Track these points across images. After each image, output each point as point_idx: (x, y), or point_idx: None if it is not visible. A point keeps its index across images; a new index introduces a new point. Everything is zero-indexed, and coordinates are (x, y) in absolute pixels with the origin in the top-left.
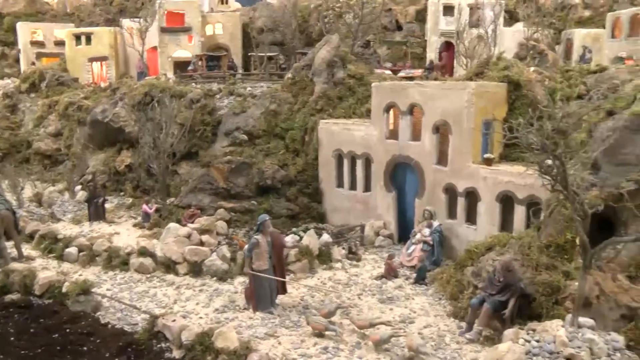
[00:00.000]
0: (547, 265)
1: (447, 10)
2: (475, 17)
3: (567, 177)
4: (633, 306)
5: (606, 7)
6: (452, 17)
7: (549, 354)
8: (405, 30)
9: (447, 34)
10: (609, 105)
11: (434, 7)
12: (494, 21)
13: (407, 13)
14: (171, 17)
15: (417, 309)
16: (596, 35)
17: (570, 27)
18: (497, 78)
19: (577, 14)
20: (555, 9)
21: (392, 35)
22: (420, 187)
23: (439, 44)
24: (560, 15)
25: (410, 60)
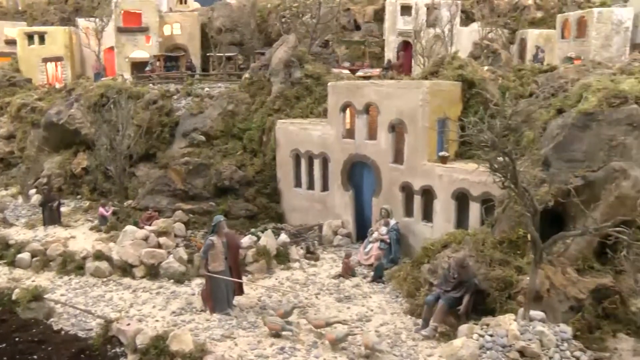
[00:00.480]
0: (501, 261)
1: (405, 10)
2: (432, 16)
3: (517, 174)
4: (580, 298)
5: (556, 8)
6: (409, 16)
7: (502, 347)
8: (364, 30)
9: (404, 34)
10: (559, 104)
11: (391, 7)
12: (450, 21)
13: (366, 13)
14: (128, 17)
15: (374, 307)
16: (548, 36)
17: (523, 27)
18: (451, 77)
19: (530, 15)
20: (509, 10)
21: (351, 35)
22: (377, 185)
23: (397, 44)
24: (514, 16)
25: (369, 60)
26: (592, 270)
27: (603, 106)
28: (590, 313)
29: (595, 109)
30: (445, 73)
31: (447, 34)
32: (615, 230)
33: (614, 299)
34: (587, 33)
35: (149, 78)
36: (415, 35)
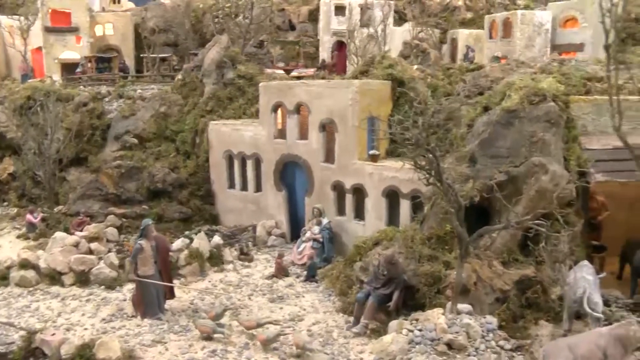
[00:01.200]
0: (429, 257)
1: (339, 10)
2: (366, 17)
3: (441, 171)
4: (505, 289)
5: (485, 9)
6: (343, 17)
7: (431, 341)
8: (299, 30)
9: (339, 34)
10: (485, 101)
11: (326, 7)
12: (383, 21)
13: (300, 13)
14: (56, 16)
15: (307, 306)
16: (477, 36)
17: (454, 27)
18: (381, 76)
19: (460, 16)
20: (440, 10)
21: (286, 35)
22: (309, 185)
23: (332, 44)
24: (446, 16)
25: (304, 60)
26: (516, 262)
27: (524, 104)
28: (514, 303)
29: (517, 107)
30: (375, 72)
31: (380, 34)
32: (534, 223)
33: (536, 288)
34: (512, 34)
35: (79, 80)
36: (349, 35)
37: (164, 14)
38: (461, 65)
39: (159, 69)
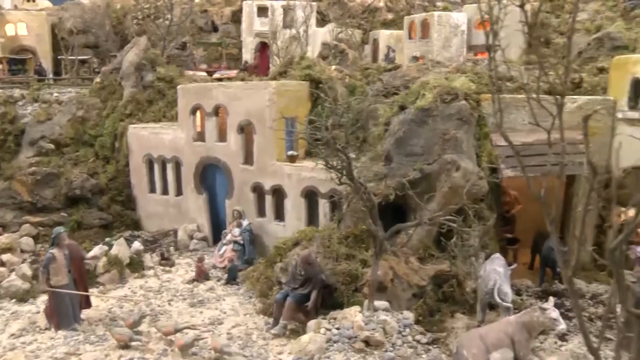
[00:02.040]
0: (347, 255)
1: (261, 11)
2: (288, 18)
3: (352, 170)
4: (422, 285)
5: (405, 10)
6: (266, 18)
7: (348, 339)
8: (222, 31)
9: (262, 35)
10: (401, 100)
11: (248, 8)
12: (305, 22)
13: (223, 14)
14: None
15: (227, 309)
16: (398, 36)
17: (376, 28)
18: (299, 77)
19: (382, 16)
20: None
21: (209, 37)
22: (229, 187)
23: (255, 45)
24: (367, 17)
25: (227, 62)
26: (432, 257)
27: (438, 102)
28: (431, 298)
29: (431, 105)
30: (294, 73)
31: (302, 35)
32: (446, 219)
33: (452, 282)
34: (430, 34)
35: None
36: (272, 37)
37: (83, 14)
38: (379, 65)
39: (78, 72)
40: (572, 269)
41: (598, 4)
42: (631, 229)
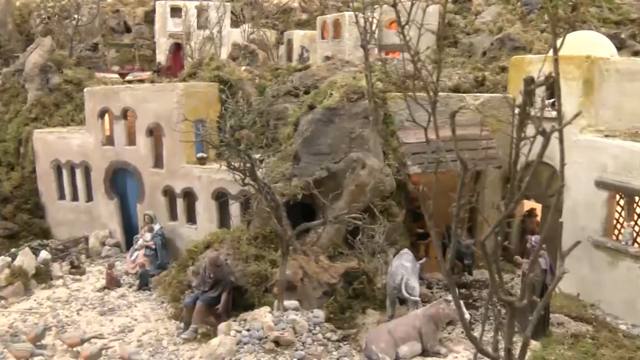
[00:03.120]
0: (256, 256)
1: (175, 12)
2: (202, 18)
3: (255, 171)
4: (332, 282)
5: (319, 11)
6: (179, 18)
7: (258, 340)
8: (134, 32)
9: (175, 36)
10: (310, 100)
11: (161, 9)
12: (218, 22)
13: (136, 14)
14: None
15: (138, 316)
16: (312, 36)
17: (290, 28)
18: (208, 78)
19: (296, 17)
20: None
21: (121, 38)
22: (140, 191)
23: (169, 46)
24: (282, 18)
25: (140, 63)
26: (342, 255)
27: (344, 101)
28: (342, 295)
29: (338, 104)
30: (203, 74)
31: (216, 36)
32: (351, 216)
33: (362, 279)
34: (342, 34)
35: None
36: (185, 37)
37: None
38: (289, 65)
39: None
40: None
41: (500, 7)
42: (500, 221)
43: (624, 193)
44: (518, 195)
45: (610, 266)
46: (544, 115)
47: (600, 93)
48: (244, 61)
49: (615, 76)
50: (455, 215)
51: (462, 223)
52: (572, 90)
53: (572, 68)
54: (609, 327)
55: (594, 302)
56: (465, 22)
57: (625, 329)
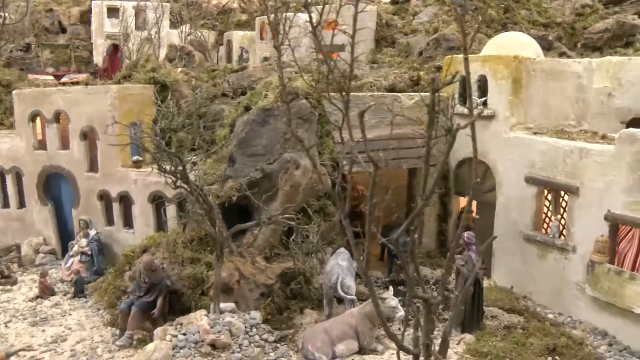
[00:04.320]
0: (192, 259)
1: (112, 12)
2: (140, 19)
3: (186, 174)
4: (269, 283)
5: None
6: (117, 19)
7: (194, 343)
8: (70, 32)
9: (113, 37)
10: (246, 101)
11: (97, 9)
12: (157, 23)
13: (71, 14)
14: None
15: (72, 324)
16: (251, 37)
17: (230, 29)
18: (143, 80)
19: (236, 17)
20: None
21: (56, 38)
22: (75, 196)
23: (106, 47)
24: (222, 18)
25: (77, 65)
26: (279, 256)
27: (279, 102)
28: (279, 296)
29: (272, 105)
30: (138, 76)
31: (155, 37)
32: (284, 217)
33: (299, 279)
34: None
35: None
36: (123, 38)
37: None
38: (225, 66)
39: None
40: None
41: (436, 8)
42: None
43: (551, 188)
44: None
45: (539, 259)
46: None
47: (528, 92)
48: (181, 63)
49: (542, 76)
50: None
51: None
52: (502, 89)
53: (502, 68)
54: (539, 317)
55: (526, 294)
56: (403, 23)
57: (552, 318)
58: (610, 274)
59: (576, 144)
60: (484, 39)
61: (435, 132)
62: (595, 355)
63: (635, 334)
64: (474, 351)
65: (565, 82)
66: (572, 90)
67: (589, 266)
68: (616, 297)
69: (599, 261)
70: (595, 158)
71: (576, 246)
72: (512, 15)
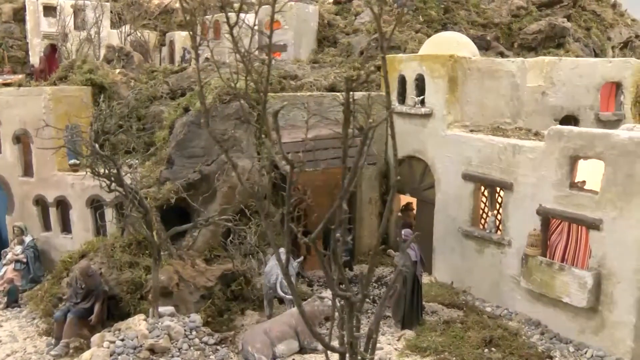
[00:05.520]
0: (130, 263)
1: (48, 11)
2: (79, 18)
3: (121, 177)
4: (209, 286)
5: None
6: (54, 18)
7: (133, 349)
8: (3, 31)
9: (50, 36)
10: (185, 102)
11: (32, 7)
12: (96, 23)
13: (3, 12)
14: None
15: (4, 336)
16: None
17: (172, 29)
18: (80, 82)
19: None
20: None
21: None
22: (9, 202)
23: (43, 47)
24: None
25: (11, 65)
26: (219, 258)
27: (217, 103)
28: (220, 298)
29: (211, 106)
30: (74, 78)
31: (95, 37)
32: (221, 218)
33: (240, 280)
34: (222, 36)
35: None
36: (62, 38)
37: None
38: (165, 67)
39: None
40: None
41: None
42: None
43: (487, 184)
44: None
45: (478, 253)
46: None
47: (465, 90)
48: (119, 64)
49: (477, 74)
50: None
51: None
52: (438, 87)
53: (438, 67)
54: (477, 311)
55: (466, 288)
56: (345, 23)
57: (490, 311)
58: (542, 266)
59: (510, 141)
60: (424, 39)
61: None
62: (529, 344)
63: (564, 322)
64: (414, 347)
65: (500, 81)
66: (506, 88)
67: (523, 259)
68: (547, 288)
69: (532, 254)
70: (527, 154)
71: (511, 240)
72: (452, 15)
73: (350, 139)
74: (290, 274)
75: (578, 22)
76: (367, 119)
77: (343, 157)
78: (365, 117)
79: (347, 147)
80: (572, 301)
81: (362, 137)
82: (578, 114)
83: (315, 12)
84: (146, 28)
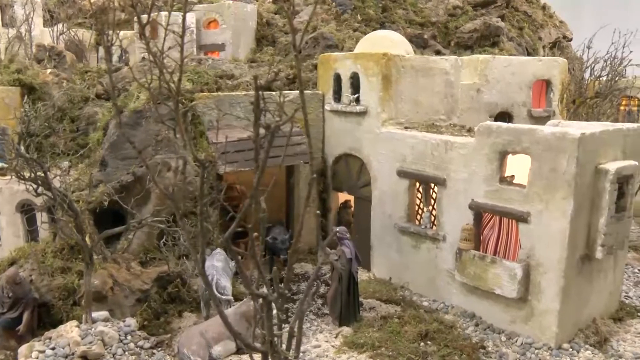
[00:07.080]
0: (62, 269)
1: None
2: (7, 15)
3: (48, 180)
4: (145, 289)
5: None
6: None
7: (64, 358)
8: None
9: None
10: (120, 103)
11: None
12: (26, 21)
13: None
14: None
15: None
16: (131, 37)
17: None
18: (7, 82)
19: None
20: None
21: None
22: None
23: None
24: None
25: None
26: (155, 260)
27: (150, 104)
28: (156, 301)
29: (144, 107)
30: (1, 78)
31: (26, 35)
32: (154, 220)
33: (177, 282)
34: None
35: None
36: None
37: None
38: (99, 67)
39: None
40: None
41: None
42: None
43: (421, 180)
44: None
45: (414, 249)
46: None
47: (399, 88)
48: (50, 63)
49: (411, 72)
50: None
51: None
52: (373, 85)
53: (372, 65)
54: (414, 306)
55: (404, 283)
56: (284, 22)
57: (427, 305)
58: (475, 259)
59: (442, 138)
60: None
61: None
62: (464, 336)
63: (497, 313)
64: (351, 343)
65: (434, 79)
66: (440, 86)
67: (457, 254)
68: (480, 280)
69: (465, 248)
70: (459, 150)
71: (446, 235)
72: (390, 14)
73: (261, 138)
74: (228, 275)
75: (511, 22)
76: (279, 118)
77: (255, 156)
78: (279, 115)
79: (258, 147)
80: (503, 292)
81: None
82: (512, 111)
83: (254, 11)
84: (81, 27)
